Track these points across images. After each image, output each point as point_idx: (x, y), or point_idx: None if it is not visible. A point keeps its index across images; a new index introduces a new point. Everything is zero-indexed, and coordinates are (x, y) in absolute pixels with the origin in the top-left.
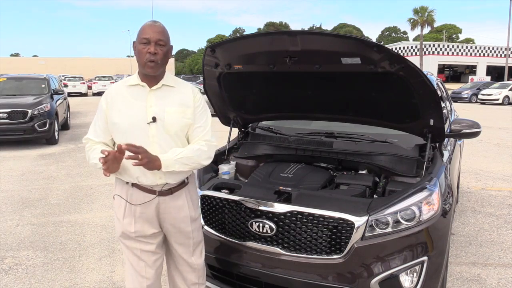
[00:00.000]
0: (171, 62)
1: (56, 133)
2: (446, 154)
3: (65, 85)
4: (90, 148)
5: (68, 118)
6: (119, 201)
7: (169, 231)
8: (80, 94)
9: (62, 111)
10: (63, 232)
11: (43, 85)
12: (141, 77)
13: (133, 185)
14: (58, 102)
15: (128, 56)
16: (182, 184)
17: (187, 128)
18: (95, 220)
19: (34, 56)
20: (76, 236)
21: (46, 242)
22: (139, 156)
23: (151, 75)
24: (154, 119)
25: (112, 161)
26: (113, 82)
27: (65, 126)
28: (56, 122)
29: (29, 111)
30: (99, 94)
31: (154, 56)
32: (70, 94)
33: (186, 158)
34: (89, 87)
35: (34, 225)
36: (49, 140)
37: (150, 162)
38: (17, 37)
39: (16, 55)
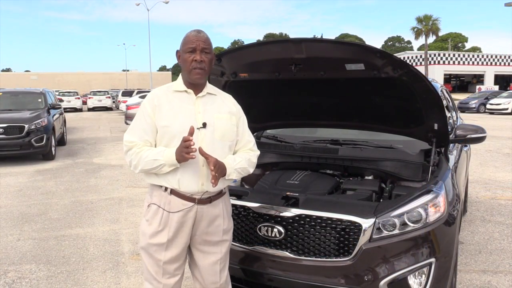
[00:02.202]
0: (168, 75)
1: (53, 149)
2: (451, 158)
3: (60, 100)
4: (141, 150)
5: (65, 133)
6: (155, 210)
7: (199, 242)
8: (75, 110)
9: (58, 126)
10: (66, 246)
11: (39, 100)
12: (186, 84)
13: (172, 192)
14: (55, 117)
15: (124, 70)
16: (221, 194)
17: (233, 135)
18: (98, 234)
19: (26, 71)
20: (79, 249)
21: (48, 256)
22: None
23: (198, 82)
24: (204, 125)
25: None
26: (109, 97)
27: (61, 142)
28: (53, 137)
29: (26, 126)
30: (95, 109)
31: (200, 63)
32: (65, 110)
33: (242, 168)
34: (84, 102)
35: (36, 239)
36: (46, 155)
37: (220, 168)
38: (8, 52)
39: (8, 70)
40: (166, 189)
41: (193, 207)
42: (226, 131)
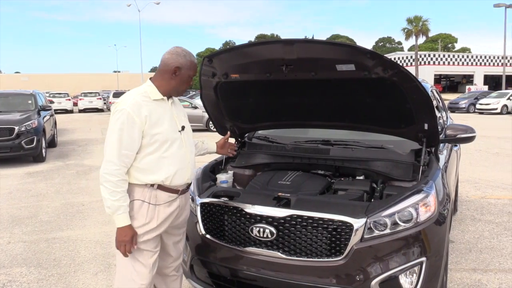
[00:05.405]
0: None
1: (43, 150)
2: (442, 158)
3: (51, 102)
4: (120, 186)
5: (55, 135)
6: (139, 205)
7: (176, 228)
8: (65, 111)
9: (49, 127)
10: (56, 248)
11: (29, 101)
12: (163, 93)
13: (158, 187)
14: (45, 118)
15: (115, 72)
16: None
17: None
18: (89, 236)
19: (17, 72)
20: (70, 252)
21: (39, 258)
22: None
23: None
24: (183, 128)
25: None
26: (100, 99)
27: (52, 144)
28: (43, 139)
29: (16, 127)
30: (85, 110)
31: None
32: (55, 111)
33: None
34: (75, 104)
35: (26, 242)
36: (36, 157)
37: None
38: None
39: None
40: (152, 185)
41: (177, 198)
42: (190, 129)
